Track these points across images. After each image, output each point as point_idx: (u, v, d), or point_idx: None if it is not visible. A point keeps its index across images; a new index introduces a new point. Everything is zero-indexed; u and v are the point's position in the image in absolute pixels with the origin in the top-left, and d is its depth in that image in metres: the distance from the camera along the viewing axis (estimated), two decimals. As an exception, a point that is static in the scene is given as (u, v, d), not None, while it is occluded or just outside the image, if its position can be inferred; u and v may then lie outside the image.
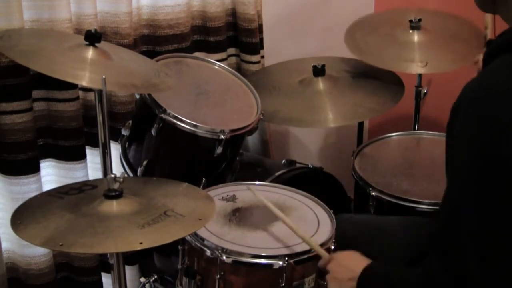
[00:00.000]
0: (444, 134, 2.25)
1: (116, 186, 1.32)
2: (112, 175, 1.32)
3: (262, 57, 2.38)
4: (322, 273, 1.45)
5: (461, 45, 2.16)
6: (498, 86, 0.97)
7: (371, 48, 2.20)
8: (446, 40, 2.20)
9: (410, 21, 2.20)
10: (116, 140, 1.90)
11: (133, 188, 1.40)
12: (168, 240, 1.24)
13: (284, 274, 1.38)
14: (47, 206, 1.33)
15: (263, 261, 1.40)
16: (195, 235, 1.45)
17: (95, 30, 1.56)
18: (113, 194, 1.32)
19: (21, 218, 1.28)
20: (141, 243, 1.20)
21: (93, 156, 1.96)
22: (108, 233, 1.23)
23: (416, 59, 2.12)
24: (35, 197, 1.44)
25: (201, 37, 2.22)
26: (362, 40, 2.23)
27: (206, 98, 1.84)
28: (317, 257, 1.43)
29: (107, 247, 1.22)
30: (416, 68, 2.11)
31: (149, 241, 1.22)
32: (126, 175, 1.79)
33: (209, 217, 1.34)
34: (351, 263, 1.28)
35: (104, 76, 1.39)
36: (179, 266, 1.53)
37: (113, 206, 1.30)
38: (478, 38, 2.11)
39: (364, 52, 2.19)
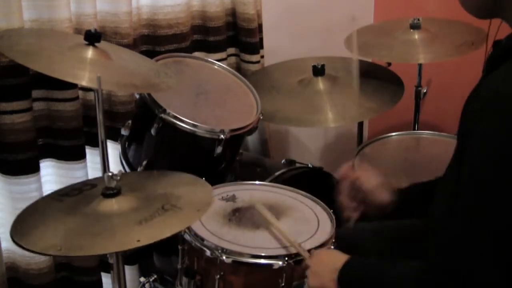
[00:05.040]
0: (443, 134, 2.27)
1: (113, 184, 1.32)
2: (110, 173, 1.32)
3: (262, 57, 2.38)
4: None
5: (457, 38, 2.18)
6: None
7: (371, 46, 2.22)
8: (445, 36, 2.22)
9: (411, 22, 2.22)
10: (116, 140, 1.90)
11: (131, 184, 1.40)
12: (166, 234, 1.23)
13: (284, 274, 1.38)
14: (46, 211, 1.33)
15: (262, 261, 1.40)
16: (195, 235, 1.45)
17: (95, 29, 1.56)
18: (111, 192, 1.31)
19: (21, 224, 1.28)
20: (138, 240, 1.19)
21: (92, 156, 1.96)
22: (106, 233, 1.23)
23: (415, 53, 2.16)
24: (36, 202, 1.43)
25: (201, 37, 2.22)
26: (363, 41, 2.23)
27: (206, 98, 1.84)
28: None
29: (105, 248, 1.22)
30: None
31: (146, 238, 1.21)
32: (123, 172, 1.79)
33: (207, 206, 1.34)
34: (331, 257, 1.29)
35: (98, 75, 1.38)
36: (179, 266, 1.53)
37: (111, 205, 1.30)
38: (474, 35, 2.13)
39: (364, 51, 2.20)
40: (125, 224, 1.25)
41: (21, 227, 1.27)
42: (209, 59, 2.04)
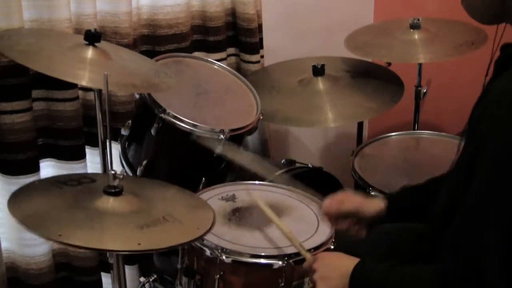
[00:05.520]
0: (443, 134, 2.28)
1: (116, 183, 1.31)
2: (113, 171, 1.32)
3: (262, 57, 2.38)
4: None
5: (457, 38, 2.18)
6: None
7: (371, 46, 2.22)
8: (445, 36, 2.22)
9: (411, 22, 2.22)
10: (116, 140, 1.90)
11: (132, 187, 1.39)
12: (166, 245, 1.23)
13: (284, 274, 1.38)
14: (45, 194, 1.32)
15: (262, 261, 1.40)
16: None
17: (95, 29, 1.56)
18: (113, 190, 1.31)
19: (19, 203, 1.26)
20: (139, 244, 1.19)
21: (92, 156, 1.96)
22: (106, 230, 1.22)
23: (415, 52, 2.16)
24: (33, 183, 1.41)
25: (201, 36, 2.22)
26: (363, 42, 2.24)
27: (205, 98, 1.84)
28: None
29: (105, 244, 1.21)
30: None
31: (147, 243, 1.21)
32: (126, 173, 1.79)
33: (206, 227, 1.33)
34: (339, 261, 1.27)
35: (106, 73, 1.38)
36: (179, 266, 1.53)
37: (112, 203, 1.30)
38: (474, 35, 2.14)
39: (364, 51, 2.20)
40: (126, 225, 1.25)
41: (20, 206, 1.25)
42: (209, 59, 2.04)
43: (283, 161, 2.08)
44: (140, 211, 1.31)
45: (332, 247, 1.45)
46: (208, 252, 1.42)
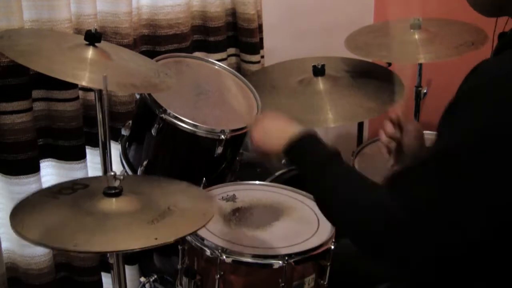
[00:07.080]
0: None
1: (116, 183, 1.31)
2: (112, 173, 1.32)
3: (262, 57, 2.38)
4: (321, 270, 1.45)
5: (457, 38, 2.18)
6: None
7: (371, 46, 2.22)
8: (445, 36, 2.22)
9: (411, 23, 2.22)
10: (116, 140, 1.90)
11: (131, 186, 1.39)
12: (182, 234, 1.23)
13: (284, 274, 1.38)
14: (44, 206, 1.31)
15: (262, 261, 1.40)
16: (195, 234, 1.45)
17: (95, 30, 1.56)
18: (113, 192, 1.31)
19: (22, 220, 1.25)
20: (156, 238, 1.18)
21: (93, 156, 1.96)
22: (118, 231, 1.22)
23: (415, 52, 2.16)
24: (27, 198, 1.39)
25: (201, 37, 2.22)
26: (363, 42, 2.24)
27: (206, 98, 1.84)
28: (319, 257, 1.44)
29: (125, 244, 1.20)
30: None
31: (163, 237, 1.20)
32: (125, 173, 1.79)
33: (211, 213, 1.33)
34: (287, 122, 1.28)
35: (105, 74, 1.38)
36: (179, 266, 1.53)
37: (115, 204, 1.29)
38: (474, 35, 2.14)
39: (365, 51, 2.20)
40: (136, 223, 1.24)
41: (24, 224, 1.23)
42: (209, 59, 2.04)
43: (283, 161, 2.08)
44: (144, 207, 1.31)
45: (332, 247, 1.45)
46: (208, 252, 1.42)
